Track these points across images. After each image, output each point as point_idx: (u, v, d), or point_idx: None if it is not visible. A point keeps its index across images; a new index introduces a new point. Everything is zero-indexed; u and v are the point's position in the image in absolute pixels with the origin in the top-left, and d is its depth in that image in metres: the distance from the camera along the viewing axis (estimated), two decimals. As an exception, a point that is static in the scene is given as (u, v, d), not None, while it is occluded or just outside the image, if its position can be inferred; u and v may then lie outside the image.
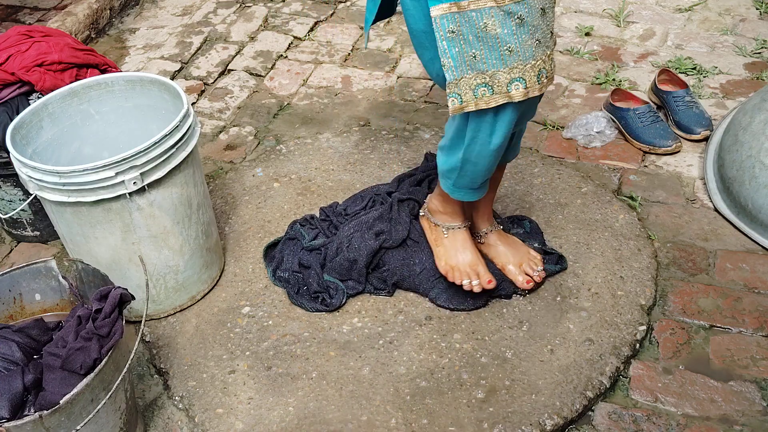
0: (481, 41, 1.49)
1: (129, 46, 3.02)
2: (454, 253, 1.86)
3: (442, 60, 1.53)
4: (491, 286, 1.83)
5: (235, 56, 2.92)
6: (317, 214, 2.14)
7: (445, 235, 1.88)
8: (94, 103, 1.91)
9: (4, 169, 1.99)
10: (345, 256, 1.93)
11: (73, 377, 1.43)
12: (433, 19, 1.49)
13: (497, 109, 1.57)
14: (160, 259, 1.82)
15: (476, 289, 1.82)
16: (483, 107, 1.55)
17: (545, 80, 1.57)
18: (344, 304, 1.92)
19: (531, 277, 1.90)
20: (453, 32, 1.49)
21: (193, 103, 2.69)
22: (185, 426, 1.70)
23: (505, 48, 1.49)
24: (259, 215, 2.19)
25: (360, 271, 1.92)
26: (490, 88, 1.53)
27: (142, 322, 1.53)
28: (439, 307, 1.89)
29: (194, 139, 1.77)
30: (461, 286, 1.83)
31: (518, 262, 1.91)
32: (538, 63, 1.53)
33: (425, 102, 2.61)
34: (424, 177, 2.15)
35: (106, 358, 1.43)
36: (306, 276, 1.96)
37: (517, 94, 1.54)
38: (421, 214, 1.96)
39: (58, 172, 1.61)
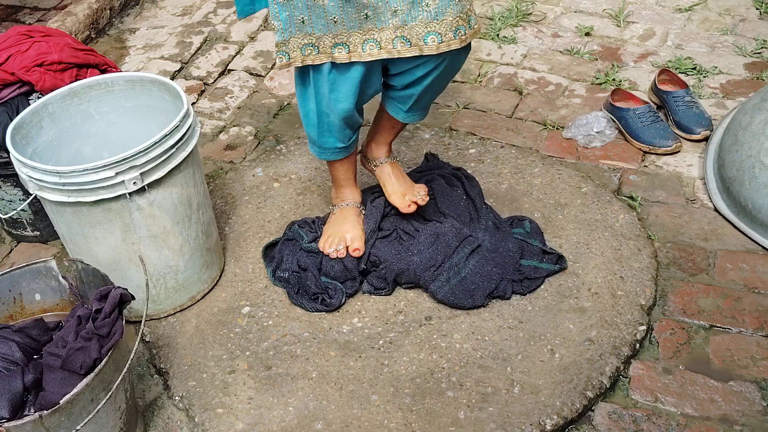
0: (310, 9, 1.65)
1: (129, 46, 3.02)
2: (334, 225, 1.99)
3: (272, 22, 1.69)
4: (357, 254, 1.92)
5: (235, 56, 2.92)
6: (317, 215, 2.14)
7: (334, 213, 2.01)
8: (94, 103, 1.91)
9: (4, 169, 1.99)
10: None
11: (73, 377, 1.43)
12: None
13: (337, 67, 1.71)
14: (160, 259, 1.82)
15: (341, 254, 1.92)
16: (309, 63, 1.71)
17: (376, 51, 1.68)
18: (344, 303, 1.92)
19: (414, 202, 1.96)
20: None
21: (193, 103, 2.69)
22: (185, 426, 1.70)
23: (330, 18, 1.65)
24: (259, 215, 2.19)
25: (354, 263, 1.93)
26: (316, 48, 1.69)
27: (142, 322, 1.53)
28: (438, 302, 1.89)
29: (194, 139, 1.77)
30: (329, 255, 1.93)
31: (403, 191, 1.98)
32: (365, 34, 1.66)
33: (425, 102, 2.61)
34: (422, 177, 2.15)
35: (106, 358, 1.43)
36: (304, 278, 1.96)
37: (340, 56, 1.69)
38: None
39: (58, 172, 1.61)
